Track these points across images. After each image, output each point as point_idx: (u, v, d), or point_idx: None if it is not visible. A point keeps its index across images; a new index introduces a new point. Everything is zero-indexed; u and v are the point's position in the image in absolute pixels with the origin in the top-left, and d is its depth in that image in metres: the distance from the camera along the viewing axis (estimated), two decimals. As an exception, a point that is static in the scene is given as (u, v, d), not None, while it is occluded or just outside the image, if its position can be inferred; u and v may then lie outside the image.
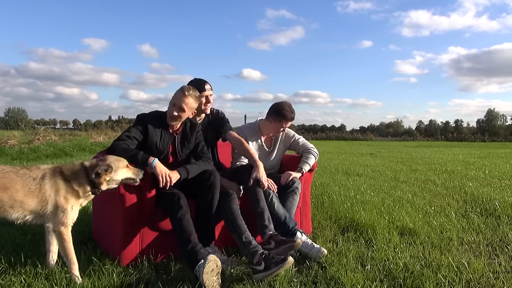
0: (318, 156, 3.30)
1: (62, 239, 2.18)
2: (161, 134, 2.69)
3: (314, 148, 3.31)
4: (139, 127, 2.64)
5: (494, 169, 8.42)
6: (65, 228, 2.18)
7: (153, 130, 2.66)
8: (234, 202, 2.62)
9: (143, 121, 2.66)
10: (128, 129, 2.66)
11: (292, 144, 3.40)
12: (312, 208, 3.84)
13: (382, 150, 18.14)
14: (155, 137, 2.67)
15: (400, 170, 8.30)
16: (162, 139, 2.69)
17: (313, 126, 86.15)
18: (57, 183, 2.17)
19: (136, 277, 2.26)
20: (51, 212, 2.15)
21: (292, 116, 3.19)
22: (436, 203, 4.51)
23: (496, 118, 67.94)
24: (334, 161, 10.59)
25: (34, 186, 2.12)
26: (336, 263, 2.47)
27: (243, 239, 2.48)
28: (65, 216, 2.17)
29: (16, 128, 20.78)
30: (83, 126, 55.72)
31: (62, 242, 2.19)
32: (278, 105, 3.21)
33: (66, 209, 2.16)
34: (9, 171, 2.15)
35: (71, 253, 2.20)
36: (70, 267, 2.20)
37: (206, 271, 2.11)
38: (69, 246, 2.19)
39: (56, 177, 2.18)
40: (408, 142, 38.05)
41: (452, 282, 2.24)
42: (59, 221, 2.16)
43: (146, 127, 2.64)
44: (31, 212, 2.14)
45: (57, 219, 2.16)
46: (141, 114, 2.74)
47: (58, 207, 2.15)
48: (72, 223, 2.23)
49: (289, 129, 3.44)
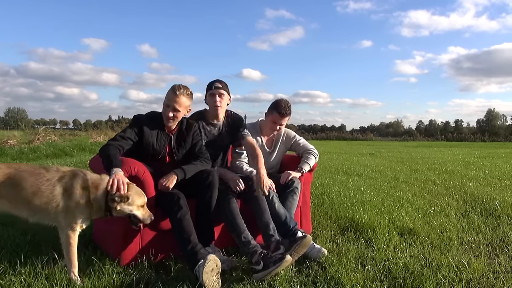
0: (318, 157, 3.31)
1: (67, 242, 2.19)
2: (157, 135, 2.68)
3: (315, 149, 3.32)
4: (135, 128, 2.63)
5: (494, 169, 8.41)
6: (72, 232, 2.19)
7: (149, 131, 2.65)
8: (233, 202, 2.62)
9: (138, 122, 2.66)
10: (123, 130, 2.65)
11: (293, 145, 3.40)
12: (312, 208, 3.84)
13: (382, 150, 18.13)
14: (151, 138, 2.66)
15: (400, 170, 8.30)
16: (158, 140, 2.68)
17: (313, 126, 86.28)
18: (73, 187, 2.16)
19: (136, 277, 2.25)
20: (61, 214, 2.15)
21: (285, 112, 3.16)
22: (436, 203, 4.51)
23: (496, 118, 67.99)
24: (334, 161, 10.59)
25: (45, 186, 2.12)
26: (336, 263, 2.47)
27: (242, 238, 2.48)
28: (74, 220, 2.17)
29: (16, 128, 20.74)
30: (83, 126, 55.75)
31: (67, 245, 2.19)
32: (276, 100, 3.23)
33: (75, 214, 2.16)
34: (25, 169, 2.17)
35: (73, 257, 2.20)
36: (70, 270, 2.20)
37: (206, 270, 2.11)
38: (73, 250, 2.20)
39: (74, 182, 2.18)
40: (408, 142, 38.05)
41: (452, 282, 2.24)
42: (67, 224, 2.17)
43: (142, 128, 2.63)
44: (40, 212, 2.15)
45: (66, 221, 2.17)
46: (137, 115, 2.73)
47: (68, 211, 2.15)
48: (80, 229, 2.24)
49: (290, 130, 3.44)
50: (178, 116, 2.66)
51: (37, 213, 2.16)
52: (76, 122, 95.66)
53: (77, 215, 2.17)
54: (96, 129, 23.87)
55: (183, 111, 2.68)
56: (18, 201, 2.13)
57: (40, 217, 2.19)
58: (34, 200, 2.11)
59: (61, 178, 2.17)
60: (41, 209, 2.14)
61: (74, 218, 2.17)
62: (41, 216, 2.18)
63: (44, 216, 2.18)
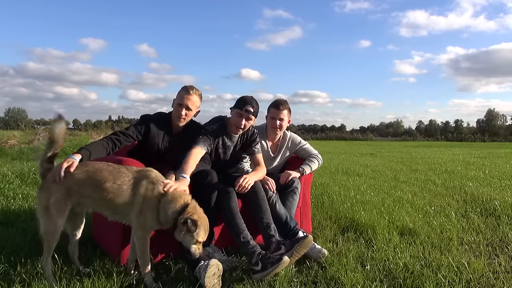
0: (321, 162, 3.30)
1: (140, 242, 2.19)
2: (164, 136, 2.70)
3: (319, 155, 3.32)
4: (140, 127, 2.64)
5: (494, 169, 8.42)
6: (146, 232, 2.20)
7: (156, 131, 2.67)
8: (233, 201, 2.61)
9: (146, 122, 2.67)
10: (127, 128, 2.66)
11: (297, 150, 3.38)
12: (312, 208, 3.84)
13: (382, 150, 18.14)
14: (157, 138, 2.68)
15: (400, 170, 8.30)
16: (164, 140, 2.70)
17: (313, 126, 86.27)
18: (153, 192, 2.16)
19: (136, 277, 2.26)
20: (136, 214, 2.15)
21: (280, 105, 3.12)
22: (436, 203, 4.51)
23: (496, 118, 68.00)
24: (334, 161, 10.59)
25: (126, 186, 2.14)
26: (336, 263, 2.47)
27: (241, 238, 2.48)
28: (147, 221, 2.17)
29: (16, 128, 20.74)
30: (83, 126, 55.66)
31: (139, 245, 2.20)
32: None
33: (147, 216, 2.16)
34: (105, 169, 2.17)
35: (146, 256, 2.20)
36: (143, 269, 2.20)
37: (208, 275, 2.13)
38: (145, 249, 2.20)
39: (154, 188, 2.17)
40: (408, 142, 38.07)
41: (452, 282, 2.24)
42: (140, 224, 2.17)
43: (149, 128, 2.65)
44: (120, 212, 2.18)
45: (140, 221, 2.17)
46: (145, 115, 2.75)
47: (142, 212, 2.15)
48: (152, 229, 2.24)
49: (296, 135, 3.41)
50: (189, 115, 2.70)
51: (118, 213, 2.19)
52: (76, 122, 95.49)
53: (148, 216, 2.16)
54: (96, 129, 23.83)
55: (194, 111, 2.73)
56: (101, 200, 2.15)
57: (120, 217, 2.22)
58: (116, 199, 2.13)
59: (138, 177, 2.19)
60: (121, 209, 2.16)
61: (147, 218, 2.16)
62: (120, 216, 2.21)
63: (123, 216, 2.20)
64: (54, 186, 2.11)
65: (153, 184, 2.18)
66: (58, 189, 2.11)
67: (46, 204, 2.10)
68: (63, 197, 2.12)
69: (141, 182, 2.17)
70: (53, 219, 2.10)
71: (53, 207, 2.09)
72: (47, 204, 2.09)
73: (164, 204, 2.15)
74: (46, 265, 2.16)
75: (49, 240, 2.12)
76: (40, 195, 2.14)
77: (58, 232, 2.14)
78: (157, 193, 2.15)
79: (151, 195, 2.15)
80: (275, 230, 2.60)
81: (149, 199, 2.14)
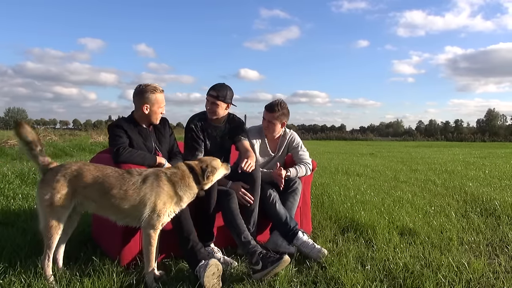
0: (309, 171, 3.18)
1: (148, 241, 2.20)
2: (141, 134, 2.71)
3: (310, 163, 3.20)
4: (120, 131, 2.62)
5: (494, 169, 8.41)
6: (154, 231, 2.21)
7: (133, 132, 2.67)
8: (233, 202, 2.61)
9: (119, 126, 2.64)
10: (114, 135, 2.59)
11: (292, 151, 3.30)
12: (312, 208, 3.84)
13: (382, 150, 18.14)
14: (137, 137, 2.68)
15: (400, 170, 8.30)
16: (143, 138, 2.71)
17: (313, 126, 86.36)
18: (160, 186, 2.21)
19: (136, 277, 2.26)
20: (148, 214, 2.18)
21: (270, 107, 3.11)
22: (436, 203, 4.51)
23: (496, 118, 68.03)
24: (334, 161, 10.59)
25: (132, 190, 2.16)
26: (336, 263, 2.47)
27: (242, 239, 2.48)
28: (158, 220, 2.19)
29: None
30: (83, 126, 55.66)
31: (147, 244, 2.21)
32: None
33: (161, 214, 2.19)
34: (111, 174, 2.20)
35: (152, 256, 2.22)
36: (147, 268, 2.22)
37: (207, 274, 2.14)
38: (152, 249, 2.21)
39: (160, 181, 2.22)
40: (408, 142, 38.07)
41: (452, 282, 2.24)
42: (151, 223, 2.19)
43: (125, 131, 2.64)
44: (129, 216, 2.20)
45: (150, 221, 2.19)
46: (112, 123, 2.74)
47: (155, 211, 2.18)
48: (161, 227, 2.26)
49: (297, 137, 3.36)
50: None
51: (126, 217, 2.21)
52: (76, 122, 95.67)
53: (162, 213, 2.19)
54: (96, 129, 23.82)
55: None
56: (107, 206, 2.18)
57: (129, 221, 2.23)
58: (122, 204, 2.16)
59: (145, 179, 2.21)
60: (129, 213, 2.18)
61: (159, 217, 2.19)
62: (129, 220, 2.22)
63: (132, 220, 2.22)
64: (61, 184, 2.13)
65: (157, 176, 2.24)
66: (65, 187, 2.14)
67: (50, 199, 2.11)
68: (69, 195, 2.15)
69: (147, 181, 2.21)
70: (57, 214, 2.12)
71: (58, 203, 2.12)
72: (52, 200, 2.11)
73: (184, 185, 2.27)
74: (46, 264, 2.16)
75: (50, 235, 2.13)
76: (44, 190, 2.14)
77: (61, 227, 2.15)
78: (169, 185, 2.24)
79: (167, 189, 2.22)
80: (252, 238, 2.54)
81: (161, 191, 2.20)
